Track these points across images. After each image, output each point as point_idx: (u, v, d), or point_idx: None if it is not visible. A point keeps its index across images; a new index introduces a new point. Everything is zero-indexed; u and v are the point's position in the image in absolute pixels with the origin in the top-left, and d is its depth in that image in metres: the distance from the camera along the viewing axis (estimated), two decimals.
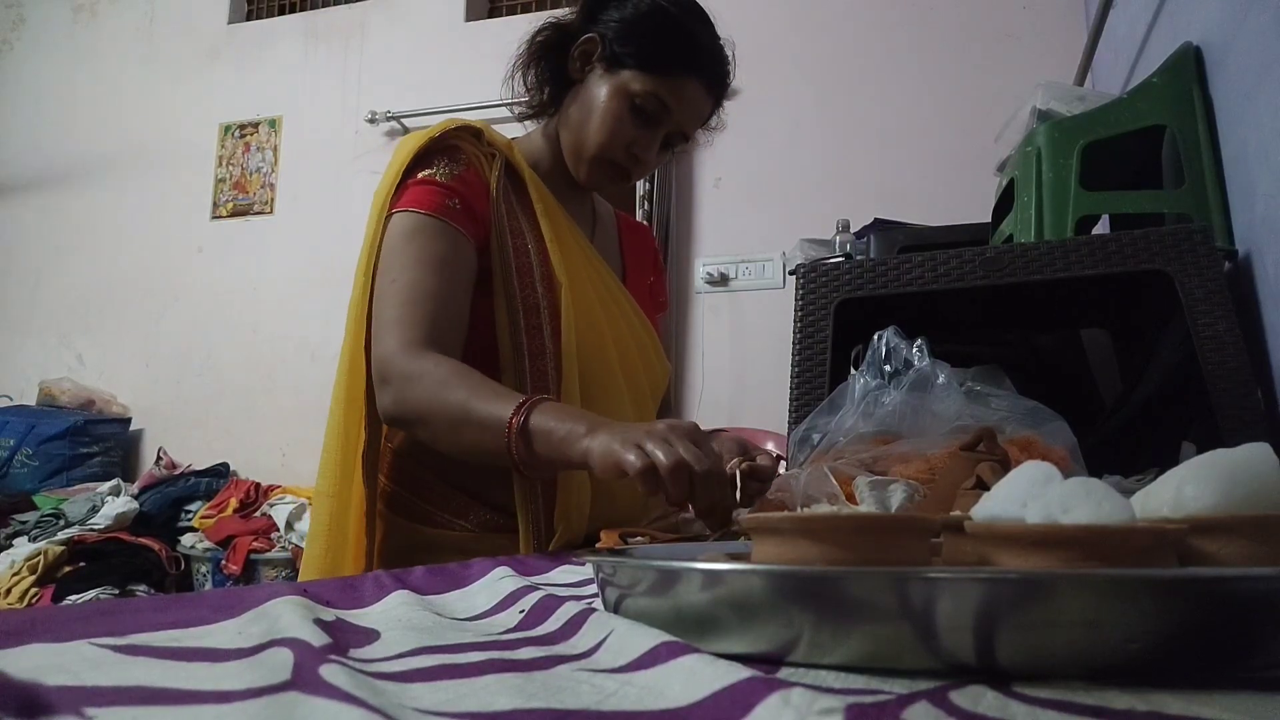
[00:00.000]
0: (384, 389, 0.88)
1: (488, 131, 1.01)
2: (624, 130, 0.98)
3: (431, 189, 0.93)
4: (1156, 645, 0.28)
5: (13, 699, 0.23)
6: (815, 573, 0.32)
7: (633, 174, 1.03)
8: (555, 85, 1.04)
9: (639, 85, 0.96)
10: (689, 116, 1.01)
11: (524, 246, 0.97)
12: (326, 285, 3.23)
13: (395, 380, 0.86)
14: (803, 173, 2.84)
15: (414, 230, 0.92)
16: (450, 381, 0.84)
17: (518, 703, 0.27)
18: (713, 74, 1.00)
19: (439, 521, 0.96)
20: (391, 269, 0.91)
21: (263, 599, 0.41)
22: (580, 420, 0.77)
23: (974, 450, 0.64)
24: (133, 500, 2.87)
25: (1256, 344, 1.05)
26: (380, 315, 0.91)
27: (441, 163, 0.95)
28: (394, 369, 0.86)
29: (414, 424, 0.88)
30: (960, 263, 1.05)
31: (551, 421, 0.77)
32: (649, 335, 1.11)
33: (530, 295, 0.95)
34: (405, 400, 0.86)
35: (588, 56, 1.00)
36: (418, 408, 0.85)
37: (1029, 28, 2.69)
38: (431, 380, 0.84)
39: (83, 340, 3.58)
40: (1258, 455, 0.36)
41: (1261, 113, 1.06)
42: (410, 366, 0.85)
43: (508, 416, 0.79)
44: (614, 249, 1.17)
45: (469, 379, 0.84)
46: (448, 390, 0.83)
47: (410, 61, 3.37)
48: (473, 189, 0.96)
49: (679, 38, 0.98)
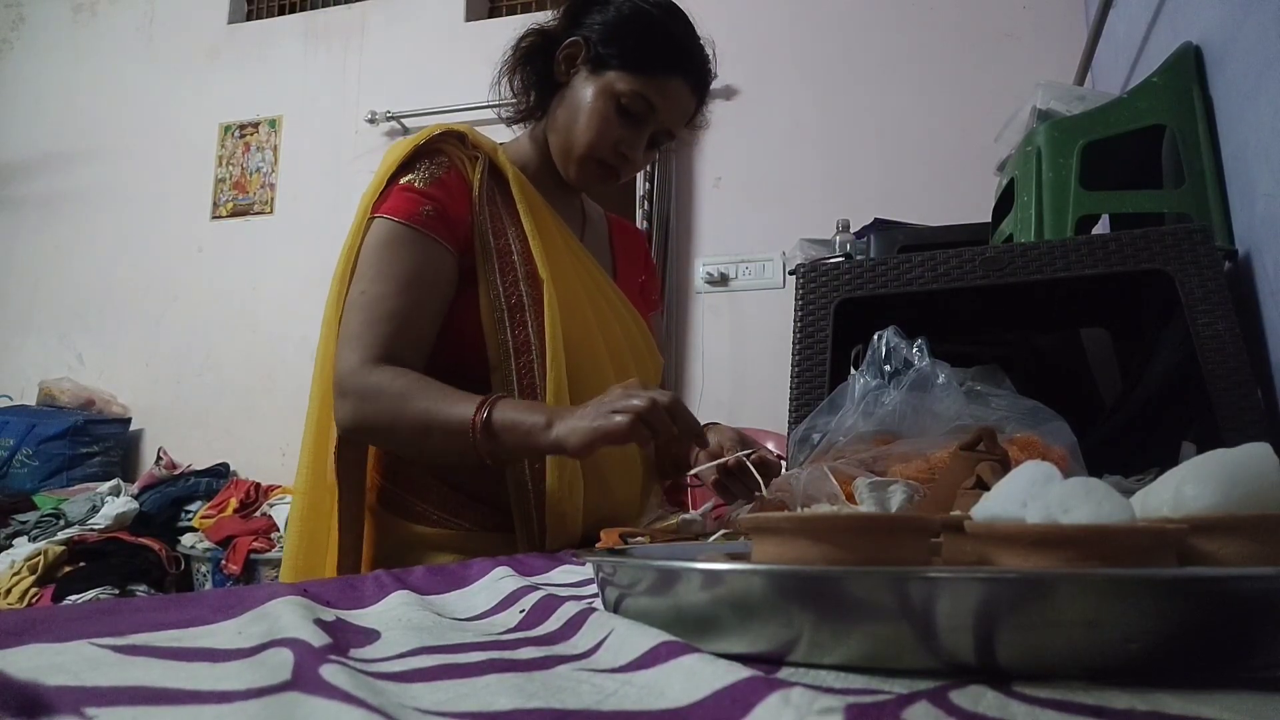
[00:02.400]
0: (341, 403, 0.91)
1: (472, 134, 1.03)
2: (611, 130, 1.00)
3: (408, 196, 0.96)
4: (1156, 645, 0.28)
5: (13, 699, 0.23)
6: (815, 573, 0.32)
7: (621, 172, 1.05)
8: (541, 89, 1.06)
9: (624, 85, 0.98)
10: (674, 115, 1.03)
11: (506, 245, 0.98)
12: (326, 285, 3.22)
13: (352, 396, 0.90)
14: (803, 173, 2.84)
15: (388, 240, 0.94)
16: (409, 393, 0.88)
17: (518, 703, 0.27)
18: (695, 73, 1.03)
19: (433, 519, 0.96)
20: (363, 278, 0.94)
21: (263, 599, 0.41)
22: (540, 412, 0.83)
23: (974, 450, 0.64)
24: (133, 500, 2.87)
25: (1256, 344, 1.05)
26: (345, 326, 0.94)
27: (423, 168, 0.98)
28: (351, 385, 0.90)
29: (373, 436, 0.94)
30: (960, 262, 1.05)
31: (514, 415, 0.84)
32: (640, 330, 1.12)
33: (513, 291, 0.96)
34: (364, 415, 0.89)
35: (572, 60, 1.02)
36: (379, 422, 0.89)
37: (1029, 28, 2.69)
38: (390, 394, 0.88)
39: (83, 340, 3.57)
40: (1258, 455, 0.36)
41: (1261, 113, 1.06)
42: (368, 382, 0.89)
43: (469, 417, 0.84)
44: (604, 248, 1.19)
45: (427, 388, 0.88)
46: (407, 402, 0.87)
47: (410, 61, 3.37)
48: (452, 192, 0.97)
49: (661, 38, 1.00)
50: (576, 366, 0.97)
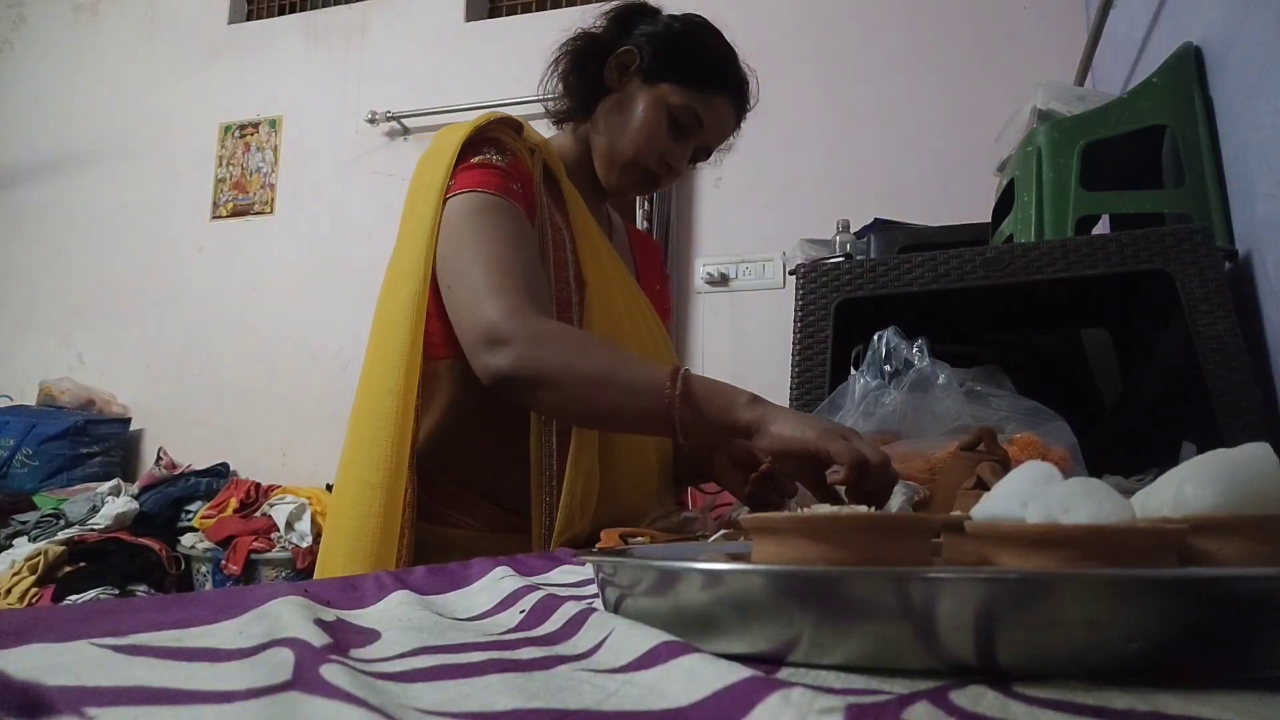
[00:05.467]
0: (498, 350, 0.84)
1: (526, 127, 1.03)
2: (660, 140, 1.02)
3: (492, 172, 0.94)
4: (1157, 645, 0.28)
5: (13, 699, 0.23)
6: (815, 573, 0.32)
7: (662, 181, 1.06)
8: (588, 92, 1.05)
9: (677, 98, 1.00)
10: (717, 132, 1.06)
11: (561, 240, 0.99)
12: (327, 285, 3.23)
13: (517, 341, 0.83)
14: (803, 173, 2.83)
15: (485, 207, 0.91)
16: (588, 344, 0.84)
17: (518, 703, 0.27)
18: (740, 94, 1.06)
19: (449, 520, 0.96)
20: (472, 243, 0.89)
21: (263, 599, 0.41)
22: (735, 390, 0.79)
23: (974, 450, 0.64)
24: (133, 500, 2.87)
25: (1256, 344, 1.05)
26: (469, 285, 0.87)
27: (490, 151, 0.96)
28: (512, 331, 0.83)
29: (537, 385, 0.84)
30: (960, 263, 1.05)
31: (713, 386, 0.80)
32: (664, 338, 1.14)
33: (564, 289, 0.97)
34: (533, 360, 0.83)
35: (625, 67, 1.03)
36: (548, 368, 0.82)
37: (1029, 28, 2.69)
38: (566, 342, 0.83)
39: (83, 340, 3.57)
40: (1258, 455, 0.36)
41: (1261, 113, 1.06)
42: (536, 327, 0.83)
43: (662, 380, 0.79)
44: (627, 255, 1.20)
45: (605, 344, 0.85)
46: (586, 352, 0.83)
47: (410, 61, 3.37)
48: (524, 178, 0.97)
49: (715, 57, 1.03)
50: None
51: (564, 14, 1.10)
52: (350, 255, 3.16)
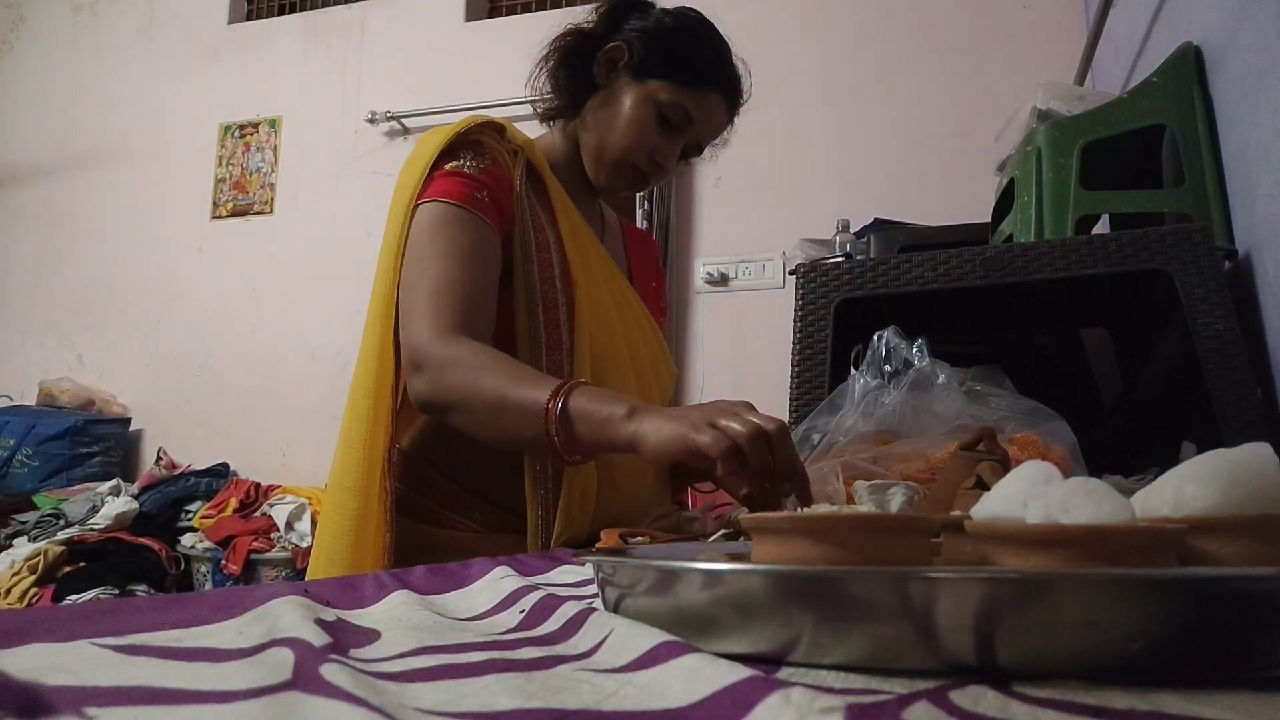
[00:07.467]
0: (418, 375, 0.86)
1: (509, 128, 1.03)
2: (649, 137, 1.01)
3: (460, 180, 0.94)
4: (1156, 645, 0.28)
5: (13, 699, 0.23)
6: (815, 573, 0.32)
7: (650, 180, 1.05)
8: (577, 89, 1.05)
9: (666, 95, 1.00)
10: (708, 129, 1.05)
11: (545, 242, 0.98)
12: (326, 285, 3.23)
13: (430, 367, 0.85)
14: (803, 173, 2.84)
15: (444, 220, 0.92)
16: (487, 367, 0.83)
17: (518, 702, 0.27)
18: (732, 90, 1.05)
19: (445, 521, 0.96)
20: (423, 258, 0.90)
21: (263, 599, 0.41)
22: (619, 402, 0.76)
23: (974, 450, 0.64)
24: (133, 500, 2.87)
25: (1256, 344, 1.05)
26: (412, 303, 0.89)
27: (467, 156, 0.96)
28: (428, 356, 0.85)
29: (450, 410, 0.86)
30: (960, 262, 1.05)
31: (591, 404, 0.77)
32: (657, 337, 1.13)
33: (550, 290, 0.96)
34: (441, 386, 0.84)
35: (614, 64, 1.02)
36: (454, 394, 0.84)
37: (1029, 28, 2.69)
38: (468, 366, 0.84)
39: (83, 340, 3.57)
40: (1258, 455, 0.36)
41: (1261, 113, 1.06)
42: (445, 352, 0.85)
43: (545, 400, 0.78)
44: (620, 252, 1.19)
45: (506, 365, 0.84)
46: (485, 376, 0.82)
47: (410, 61, 3.37)
48: (499, 183, 0.97)
49: (705, 52, 1.02)
50: (601, 370, 0.97)
51: (564, 14, 1.10)
52: (350, 255, 3.15)
